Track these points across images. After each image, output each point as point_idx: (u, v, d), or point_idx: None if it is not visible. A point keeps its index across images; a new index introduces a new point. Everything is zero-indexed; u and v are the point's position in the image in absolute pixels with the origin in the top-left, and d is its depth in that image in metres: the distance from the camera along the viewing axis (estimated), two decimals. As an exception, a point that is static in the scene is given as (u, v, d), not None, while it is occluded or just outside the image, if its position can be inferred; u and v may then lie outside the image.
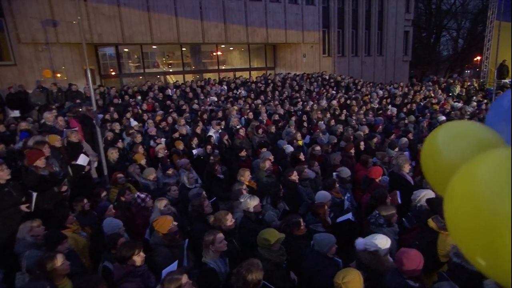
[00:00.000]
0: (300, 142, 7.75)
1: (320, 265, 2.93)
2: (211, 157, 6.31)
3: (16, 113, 10.10)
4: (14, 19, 12.26)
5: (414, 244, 3.29)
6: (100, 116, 9.21)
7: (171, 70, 17.88)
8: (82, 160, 5.52)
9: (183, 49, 17.73)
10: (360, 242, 2.91)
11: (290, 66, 19.62)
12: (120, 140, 7.08)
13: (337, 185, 4.60)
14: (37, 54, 12.86)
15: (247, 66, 19.25)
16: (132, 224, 4.36)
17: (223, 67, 18.92)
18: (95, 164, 6.10)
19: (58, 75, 13.21)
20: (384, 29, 22.79)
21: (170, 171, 5.49)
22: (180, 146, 7.08)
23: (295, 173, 4.74)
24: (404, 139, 6.62)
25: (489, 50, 14.00)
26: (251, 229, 3.62)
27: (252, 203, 3.75)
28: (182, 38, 15.63)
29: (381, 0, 21.99)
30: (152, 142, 7.44)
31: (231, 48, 19.69)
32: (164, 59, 18.66)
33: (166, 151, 6.96)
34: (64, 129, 5.72)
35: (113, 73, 16.11)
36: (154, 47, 16.95)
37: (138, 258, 2.80)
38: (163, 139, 7.69)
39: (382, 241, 2.86)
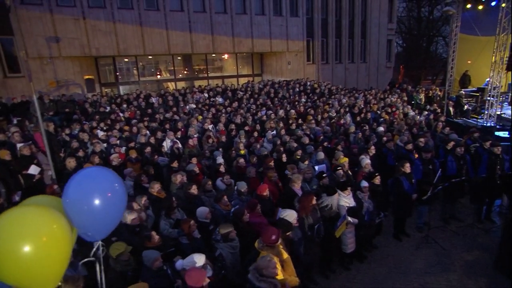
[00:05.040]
0: (242, 151, 7.97)
1: (147, 276, 3.23)
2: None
3: (17, 121, 10.78)
4: (23, 37, 13.00)
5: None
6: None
7: (164, 78, 18.29)
8: (33, 170, 6.03)
9: (178, 58, 18.14)
10: (178, 263, 3.18)
11: (276, 73, 19.65)
12: (81, 150, 7.53)
13: (225, 198, 4.84)
14: (42, 67, 13.60)
15: (235, 73, 19.44)
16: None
17: (213, 75, 19.16)
18: (50, 172, 6.59)
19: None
20: (368, 38, 22.33)
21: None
22: (133, 154, 7.45)
23: (194, 186, 5.03)
24: (321, 153, 6.73)
25: (453, 61, 13.59)
26: (126, 240, 3.96)
27: (129, 217, 4.08)
28: (173, 50, 16.04)
29: (364, 11, 21.54)
30: (112, 151, 7.86)
31: (224, 57, 19.88)
32: (162, 67, 19.09)
33: (120, 159, 7.39)
34: (17, 144, 6.23)
35: (111, 82, 16.73)
36: (150, 57, 17.43)
37: None
38: (123, 148, 8.09)
39: (196, 260, 3.12)
